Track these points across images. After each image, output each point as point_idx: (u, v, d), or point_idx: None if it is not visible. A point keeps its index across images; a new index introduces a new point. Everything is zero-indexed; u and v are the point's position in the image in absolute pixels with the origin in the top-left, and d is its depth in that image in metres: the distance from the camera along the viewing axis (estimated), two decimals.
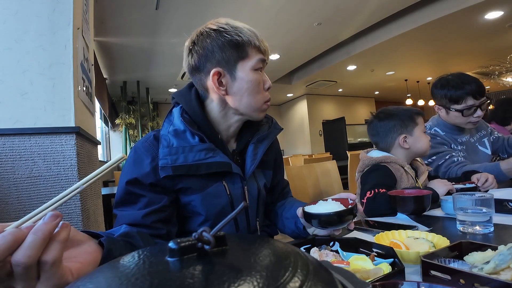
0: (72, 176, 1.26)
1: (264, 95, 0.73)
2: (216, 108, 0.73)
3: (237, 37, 0.67)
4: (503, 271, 0.41)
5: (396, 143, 1.20)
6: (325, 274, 0.21)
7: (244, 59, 0.69)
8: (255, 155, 0.76)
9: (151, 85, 6.72)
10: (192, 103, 0.72)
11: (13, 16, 1.23)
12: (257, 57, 0.69)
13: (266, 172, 0.84)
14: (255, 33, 0.70)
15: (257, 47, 0.70)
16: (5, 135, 1.18)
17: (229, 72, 0.69)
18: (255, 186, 0.78)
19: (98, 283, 0.20)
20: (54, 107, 1.25)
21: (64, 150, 1.25)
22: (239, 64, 0.68)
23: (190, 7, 3.61)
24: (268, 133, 0.80)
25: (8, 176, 1.18)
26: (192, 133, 0.68)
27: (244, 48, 0.68)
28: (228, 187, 0.71)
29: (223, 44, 0.67)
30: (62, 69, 1.28)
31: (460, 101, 1.35)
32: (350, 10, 4.02)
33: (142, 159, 0.68)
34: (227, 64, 0.68)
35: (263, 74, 0.73)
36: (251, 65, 0.69)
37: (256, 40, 0.69)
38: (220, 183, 0.71)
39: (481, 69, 6.38)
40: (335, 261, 0.51)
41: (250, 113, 0.72)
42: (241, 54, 0.68)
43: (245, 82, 0.69)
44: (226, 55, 0.67)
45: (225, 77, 0.69)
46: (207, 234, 0.23)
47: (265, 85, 0.72)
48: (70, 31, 1.30)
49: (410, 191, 0.93)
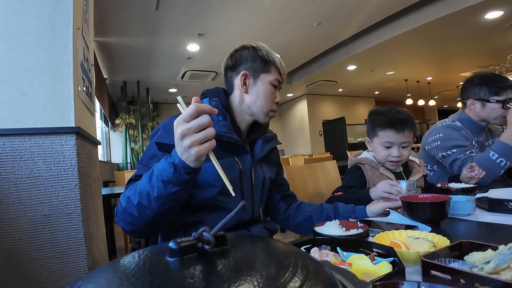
0: (72, 176, 1.26)
1: (272, 105, 0.92)
2: (236, 103, 0.91)
3: (266, 56, 0.89)
4: (503, 271, 0.41)
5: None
6: (325, 274, 0.21)
7: (267, 73, 0.89)
8: (263, 148, 0.94)
9: (151, 85, 6.71)
10: (222, 95, 0.90)
11: (13, 16, 1.23)
12: (275, 76, 0.90)
13: (271, 168, 1.02)
14: (280, 60, 0.92)
15: (278, 69, 0.91)
16: (5, 135, 1.18)
17: (253, 77, 0.90)
18: (261, 173, 0.94)
19: (98, 283, 0.20)
20: (54, 107, 1.25)
21: (64, 150, 1.25)
22: (262, 75, 0.89)
23: (190, 7, 3.61)
24: (272, 139, 1.00)
25: (8, 176, 1.18)
26: (218, 113, 0.83)
27: (269, 65, 0.90)
28: (239, 163, 0.86)
29: (255, 57, 0.89)
30: (62, 69, 1.28)
31: (501, 93, 1.39)
32: (350, 10, 4.02)
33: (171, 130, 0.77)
34: (254, 71, 0.89)
35: (276, 91, 0.93)
36: (270, 79, 0.90)
37: (279, 64, 0.91)
38: (233, 158, 0.85)
39: (481, 69, 6.38)
40: (336, 261, 0.51)
41: (259, 114, 0.91)
42: (266, 69, 0.89)
43: (262, 88, 0.89)
44: (255, 65, 0.89)
45: (249, 80, 0.90)
46: (207, 234, 0.23)
47: (276, 98, 0.92)
48: (70, 31, 1.30)
49: (425, 196, 0.83)
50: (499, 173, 1.31)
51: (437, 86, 8.73)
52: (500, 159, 1.28)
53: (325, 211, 0.99)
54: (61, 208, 1.24)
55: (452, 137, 1.43)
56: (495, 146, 1.31)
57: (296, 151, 9.30)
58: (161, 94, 7.54)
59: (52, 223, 1.22)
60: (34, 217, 1.20)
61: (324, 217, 0.97)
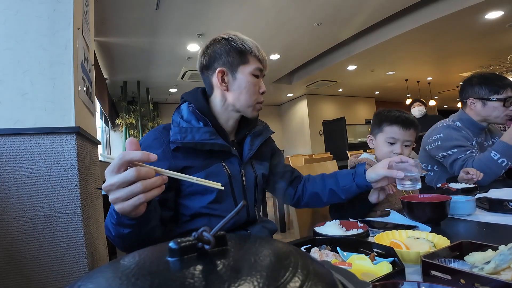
0: (72, 176, 1.25)
1: (258, 97, 0.86)
2: (219, 102, 0.85)
3: (241, 46, 0.82)
4: (503, 271, 0.41)
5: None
6: (325, 274, 0.21)
7: (245, 64, 0.83)
8: (252, 145, 0.89)
9: (151, 85, 6.71)
10: (198, 97, 0.85)
11: (13, 16, 1.23)
12: (255, 65, 0.83)
13: (264, 163, 0.96)
14: (257, 46, 0.84)
15: (257, 57, 0.84)
16: (6, 135, 1.18)
17: (231, 73, 0.83)
18: (252, 173, 0.89)
19: (98, 283, 0.20)
20: (55, 107, 1.25)
21: (65, 150, 1.25)
22: (240, 67, 0.82)
23: (190, 7, 3.61)
24: (263, 131, 0.95)
25: (9, 176, 1.18)
26: (197, 118, 0.80)
27: (246, 56, 0.82)
28: (227, 168, 0.82)
29: (229, 50, 0.82)
30: (62, 69, 1.27)
31: (501, 91, 1.40)
32: (350, 10, 4.02)
33: (152, 146, 0.77)
34: (230, 66, 0.82)
35: (260, 81, 0.86)
36: (250, 69, 0.83)
37: (256, 51, 0.83)
38: (220, 164, 0.81)
39: (481, 69, 6.37)
40: (336, 261, 0.51)
41: (244, 109, 0.85)
42: (243, 60, 0.82)
43: (243, 82, 0.82)
44: (230, 58, 0.82)
45: (227, 76, 0.83)
46: (207, 234, 0.23)
47: (260, 89, 0.86)
48: (70, 31, 1.30)
49: (425, 197, 0.85)
50: (500, 173, 1.31)
51: (437, 86, 8.73)
52: (502, 159, 1.28)
53: (327, 186, 0.97)
54: (61, 208, 1.23)
55: (453, 137, 1.43)
56: (497, 146, 1.31)
57: (296, 151, 9.30)
58: (161, 94, 7.55)
59: (52, 223, 1.22)
60: (34, 217, 1.20)
61: (327, 191, 0.96)
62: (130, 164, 0.50)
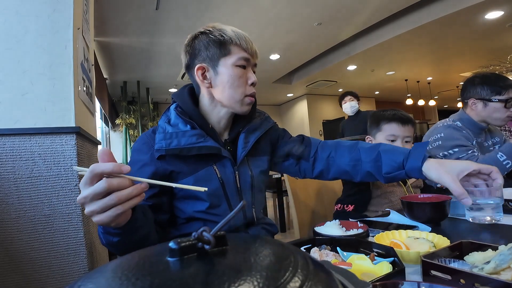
0: (72, 176, 1.25)
1: (246, 89, 0.79)
2: (207, 101, 0.80)
3: (219, 37, 0.75)
4: (503, 271, 0.41)
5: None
6: (325, 274, 0.21)
7: (226, 56, 0.76)
8: (246, 143, 0.82)
9: (151, 85, 6.71)
10: (185, 98, 0.80)
11: (13, 16, 1.23)
12: (238, 55, 0.76)
13: (262, 159, 0.88)
14: (239, 34, 0.77)
15: (239, 45, 0.76)
16: (5, 135, 1.18)
17: (212, 67, 0.77)
18: (248, 173, 0.82)
19: (98, 283, 0.20)
20: (55, 107, 1.25)
21: (65, 150, 1.25)
22: (221, 60, 0.76)
23: (190, 7, 3.61)
24: (260, 124, 0.87)
25: (9, 176, 1.18)
26: (185, 121, 0.76)
27: (227, 46, 0.76)
28: (218, 171, 0.77)
29: (208, 43, 0.76)
30: (62, 69, 1.27)
31: (503, 92, 1.39)
32: (350, 10, 4.02)
33: (141, 150, 0.76)
34: (211, 60, 0.77)
35: (247, 71, 0.79)
36: (232, 61, 0.76)
37: (237, 39, 0.76)
38: (211, 167, 0.76)
39: (481, 69, 6.37)
40: (336, 261, 0.51)
41: (233, 105, 0.79)
42: (224, 52, 0.76)
43: (226, 76, 0.76)
44: (210, 52, 0.76)
45: (209, 72, 0.78)
46: (207, 234, 0.23)
47: (249, 80, 0.79)
48: (70, 31, 1.30)
49: (425, 196, 0.85)
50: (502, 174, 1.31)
51: (437, 86, 8.72)
52: (507, 161, 1.28)
53: (364, 167, 0.82)
54: (61, 208, 1.23)
55: (454, 136, 1.43)
56: (505, 148, 1.30)
57: None
58: (161, 94, 7.54)
59: (52, 223, 1.22)
60: (34, 217, 1.20)
61: (364, 173, 0.82)
62: (103, 176, 0.47)
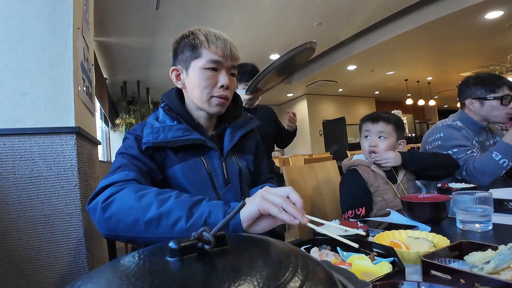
0: (72, 176, 1.25)
1: (213, 90, 0.80)
2: (187, 100, 0.87)
3: (192, 40, 0.79)
4: (503, 271, 0.41)
5: None
6: (325, 274, 0.21)
7: (197, 59, 0.79)
8: (233, 137, 0.87)
9: (151, 85, 6.71)
10: (172, 97, 0.86)
11: (13, 16, 1.23)
12: (209, 57, 0.78)
13: (247, 157, 0.93)
14: (212, 38, 0.78)
15: (209, 49, 0.78)
16: (5, 135, 1.18)
17: (185, 70, 0.82)
18: (235, 165, 0.86)
19: (98, 283, 0.20)
20: (54, 107, 1.25)
21: (64, 150, 1.25)
22: (192, 63, 0.80)
23: (190, 7, 3.61)
24: (246, 123, 0.92)
25: (8, 176, 1.18)
26: (172, 118, 0.81)
27: (198, 50, 0.79)
28: (206, 162, 0.81)
29: (183, 47, 0.81)
30: (62, 69, 1.27)
31: (497, 90, 1.40)
32: (350, 10, 4.02)
33: (129, 138, 0.81)
34: (184, 63, 0.82)
35: (219, 74, 0.80)
36: (201, 64, 0.79)
37: (208, 43, 0.78)
38: (198, 158, 0.80)
39: (481, 69, 6.37)
40: (336, 261, 0.51)
41: (201, 105, 0.82)
42: (195, 55, 0.79)
43: (193, 78, 0.80)
44: (184, 55, 0.81)
45: (182, 73, 0.83)
46: (207, 234, 0.23)
47: (218, 83, 0.80)
48: (70, 31, 1.30)
49: (425, 196, 0.85)
50: (500, 174, 1.31)
51: (437, 86, 8.73)
52: (503, 160, 1.28)
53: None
54: (61, 208, 1.23)
55: (453, 136, 1.43)
56: (498, 147, 1.30)
57: (296, 151, 9.29)
58: (161, 94, 7.53)
59: (52, 223, 1.22)
60: (34, 217, 1.20)
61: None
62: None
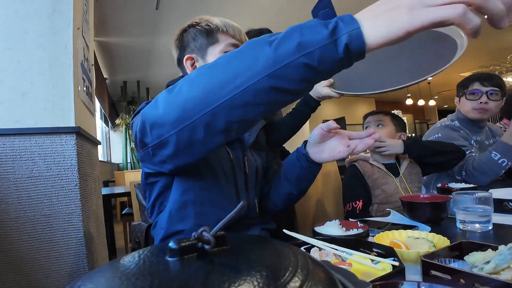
0: (72, 176, 1.25)
1: None
2: None
3: (206, 26, 0.76)
4: (503, 271, 0.41)
5: None
6: (325, 274, 0.21)
7: (214, 44, 0.76)
8: (251, 132, 0.85)
9: (151, 85, 6.71)
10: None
11: (13, 16, 1.23)
12: (227, 41, 0.76)
13: (261, 153, 0.92)
14: (227, 22, 0.77)
15: (226, 33, 0.76)
16: (5, 135, 1.18)
17: (201, 57, 0.77)
18: (253, 161, 0.85)
19: (98, 283, 0.20)
20: (54, 107, 1.25)
21: (64, 150, 1.25)
22: (209, 49, 0.76)
23: (190, 7, 3.61)
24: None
25: (8, 176, 1.18)
26: None
27: (214, 35, 0.76)
28: (231, 153, 0.77)
29: (195, 34, 0.77)
30: (62, 69, 1.27)
31: (469, 86, 1.47)
32: (350, 10, 4.02)
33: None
34: (199, 50, 0.77)
35: None
36: (220, 48, 0.75)
37: (224, 27, 0.76)
38: (224, 148, 0.77)
39: (481, 69, 6.38)
40: (336, 261, 0.51)
41: None
42: (211, 40, 0.76)
43: None
44: (198, 43, 0.77)
45: (198, 62, 0.78)
46: (207, 233, 0.23)
47: None
48: (70, 31, 1.30)
49: (426, 196, 0.85)
50: (500, 174, 1.31)
51: (437, 86, 8.73)
52: (502, 160, 1.28)
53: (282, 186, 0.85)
54: (61, 208, 1.23)
55: (451, 136, 1.43)
56: (497, 147, 1.31)
57: None
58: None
59: (52, 223, 1.22)
60: (34, 217, 1.20)
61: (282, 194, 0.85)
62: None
